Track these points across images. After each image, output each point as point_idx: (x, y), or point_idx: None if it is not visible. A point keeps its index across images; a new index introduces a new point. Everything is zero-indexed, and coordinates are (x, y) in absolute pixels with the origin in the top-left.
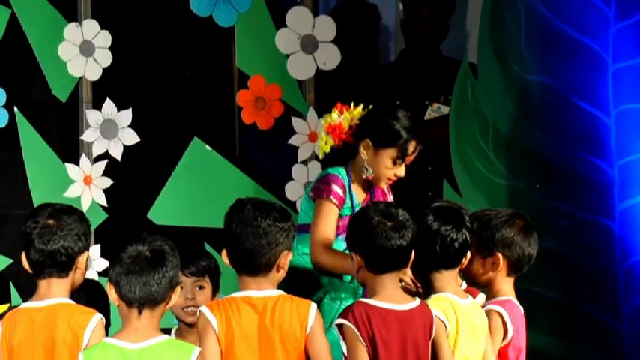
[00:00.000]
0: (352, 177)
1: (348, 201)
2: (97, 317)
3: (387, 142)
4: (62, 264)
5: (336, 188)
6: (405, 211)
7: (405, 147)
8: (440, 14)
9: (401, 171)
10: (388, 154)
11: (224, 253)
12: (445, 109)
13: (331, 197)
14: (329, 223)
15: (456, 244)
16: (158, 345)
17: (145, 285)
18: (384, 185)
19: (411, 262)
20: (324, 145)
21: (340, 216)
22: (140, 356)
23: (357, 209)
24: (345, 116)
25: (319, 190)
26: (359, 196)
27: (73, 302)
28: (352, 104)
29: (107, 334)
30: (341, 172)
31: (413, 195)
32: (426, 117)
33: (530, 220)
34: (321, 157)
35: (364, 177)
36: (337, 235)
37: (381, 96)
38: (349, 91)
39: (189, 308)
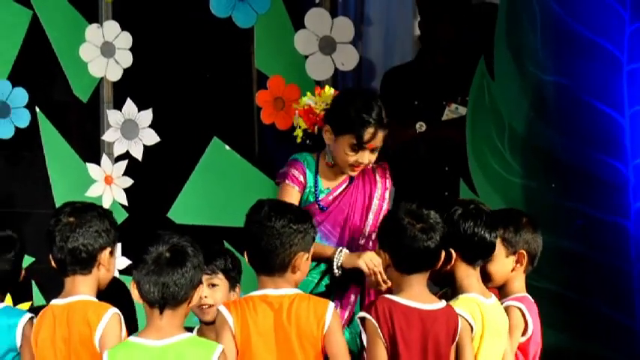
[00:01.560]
0: (322, 163)
1: (311, 186)
2: (111, 312)
3: (344, 128)
4: (83, 261)
5: (295, 172)
6: (436, 213)
7: (361, 133)
8: (457, 14)
9: (363, 157)
10: (346, 140)
11: (246, 252)
12: (463, 110)
13: (287, 181)
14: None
15: (484, 240)
16: (181, 343)
17: (164, 286)
18: (350, 172)
19: (440, 263)
20: (299, 129)
21: (304, 201)
22: (163, 353)
23: (321, 195)
24: (316, 99)
25: (279, 176)
26: (326, 183)
27: (93, 299)
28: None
29: (128, 330)
30: (306, 158)
31: (430, 194)
32: (444, 117)
33: (545, 218)
34: (298, 141)
35: (326, 162)
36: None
37: (398, 96)
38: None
39: (204, 307)
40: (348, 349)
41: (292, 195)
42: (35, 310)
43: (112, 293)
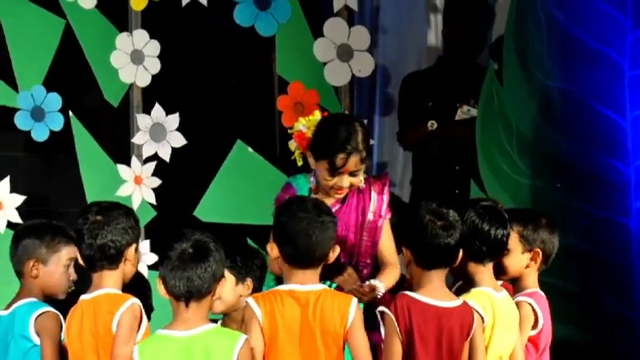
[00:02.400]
0: (315, 185)
1: None
2: (130, 301)
3: (319, 154)
4: (111, 257)
5: (287, 197)
6: (455, 212)
7: (333, 160)
8: (480, 25)
9: (342, 182)
10: (323, 166)
11: (272, 246)
12: (474, 112)
13: None
14: None
15: (497, 239)
16: (206, 333)
17: (189, 280)
18: (335, 195)
19: (458, 260)
20: (297, 151)
21: None
22: (190, 343)
23: None
24: (307, 124)
25: (276, 201)
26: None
27: (117, 291)
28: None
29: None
30: (300, 181)
31: (441, 193)
32: (456, 118)
33: (551, 217)
34: (299, 164)
35: (310, 186)
36: None
37: (414, 98)
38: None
39: None
40: (369, 345)
41: None
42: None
43: (135, 287)
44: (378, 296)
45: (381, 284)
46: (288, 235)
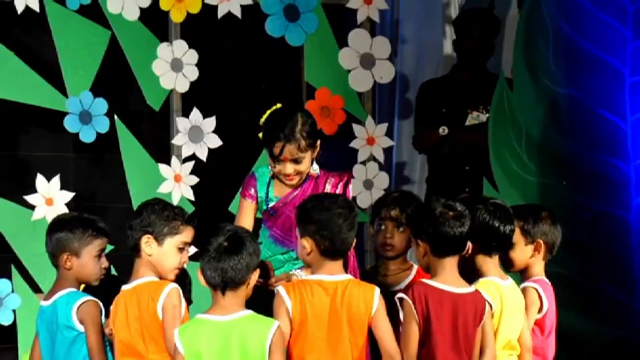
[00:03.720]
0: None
1: (262, 196)
2: (170, 286)
3: (263, 143)
4: (132, 247)
5: (247, 186)
6: (462, 204)
7: (271, 148)
8: (488, 34)
9: (285, 169)
10: (268, 154)
11: (307, 239)
12: (483, 117)
13: (242, 194)
14: (242, 217)
15: (505, 234)
16: (242, 318)
17: (223, 271)
18: (286, 181)
19: (468, 247)
20: None
21: (261, 210)
22: (228, 328)
23: (271, 203)
24: (265, 117)
25: (241, 188)
26: (278, 191)
27: (154, 279)
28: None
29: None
30: (262, 169)
31: (452, 191)
32: (467, 123)
33: (558, 212)
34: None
35: (271, 174)
36: (267, 227)
37: (430, 107)
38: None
39: None
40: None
41: (246, 207)
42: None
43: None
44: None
45: (302, 273)
46: (328, 230)
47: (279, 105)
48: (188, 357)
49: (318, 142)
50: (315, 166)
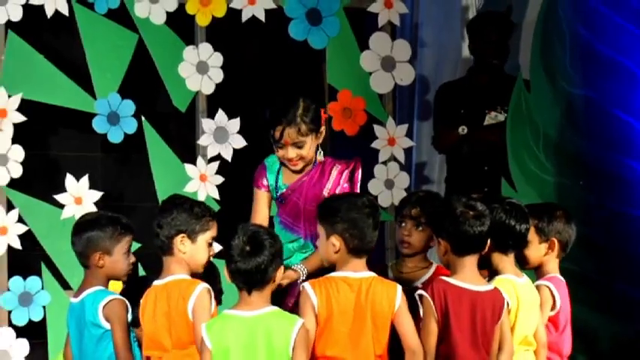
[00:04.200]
0: None
1: (272, 184)
2: (201, 286)
3: (267, 128)
4: (162, 246)
5: (258, 176)
6: (482, 203)
7: (273, 132)
8: (503, 37)
9: (287, 153)
10: (272, 138)
11: (337, 237)
12: (501, 117)
13: (254, 186)
14: (257, 208)
15: (521, 233)
16: (268, 314)
17: (248, 273)
18: (291, 167)
19: (487, 246)
20: None
21: (273, 198)
22: (253, 323)
23: (280, 191)
24: None
25: (254, 178)
26: (287, 179)
27: (186, 276)
28: None
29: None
30: (271, 159)
31: (471, 190)
32: (485, 123)
33: (575, 211)
34: None
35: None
36: (278, 214)
37: (449, 108)
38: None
39: None
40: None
41: (260, 197)
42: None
43: (206, 272)
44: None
45: (304, 269)
46: (358, 228)
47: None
48: (216, 351)
49: (322, 128)
50: (321, 153)
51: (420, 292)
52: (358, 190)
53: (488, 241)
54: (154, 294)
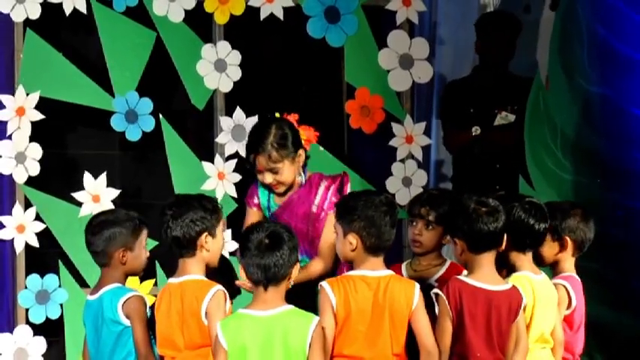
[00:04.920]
0: None
1: (264, 203)
2: (215, 289)
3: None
4: (184, 247)
5: (250, 195)
6: (495, 200)
7: (248, 160)
8: (510, 36)
9: (264, 178)
10: (248, 164)
11: (354, 235)
12: (511, 117)
13: (247, 203)
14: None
15: (540, 232)
16: (283, 313)
17: (266, 268)
18: (275, 190)
19: (504, 243)
20: None
21: (265, 216)
22: (269, 322)
23: (272, 210)
24: None
25: (245, 198)
26: (278, 198)
27: (202, 277)
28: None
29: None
30: None
31: (484, 188)
32: (495, 123)
33: (592, 209)
34: None
35: None
36: None
37: (457, 107)
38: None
39: None
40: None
41: (251, 215)
42: None
43: (221, 271)
44: None
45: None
46: (375, 227)
47: (277, 115)
48: (232, 351)
49: (300, 151)
50: (301, 175)
51: (435, 290)
52: None
53: (505, 237)
54: (169, 292)
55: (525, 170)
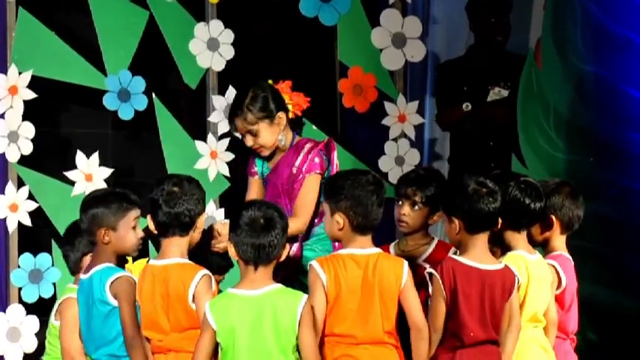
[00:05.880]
0: None
1: (260, 169)
2: (202, 273)
3: None
4: (184, 225)
5: (249, 165)
6: (492, 181)
7: (229, 124)
8: (501, 14)
9: (247, 141)
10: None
11: (341, 215)
12: (504, 93)
13: (248, 173)
14: (250, 194)
15: (535, 211)
16: (272, 292)
17: (260, 247)
18: (260, 153)
19: (499, 224)
20: None
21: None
22: (258, 301)
23: (265, 173)
24: None
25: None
26: (271, 163)
27: (187, 261)
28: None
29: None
30: None
31: (478, 166)
32: (488, 99)
33: (585, 188)
34: None
35: None
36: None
37: (451, 85)
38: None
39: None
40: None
41: (252, 184)
42: None
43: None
44: None
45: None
46: (362, 206)
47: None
48: (221, 331)
49: (280, 114)
50: (281, 137)
51: (429, 270)
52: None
53: (499, 219)
54: (152, 274)
55: (518, 149)
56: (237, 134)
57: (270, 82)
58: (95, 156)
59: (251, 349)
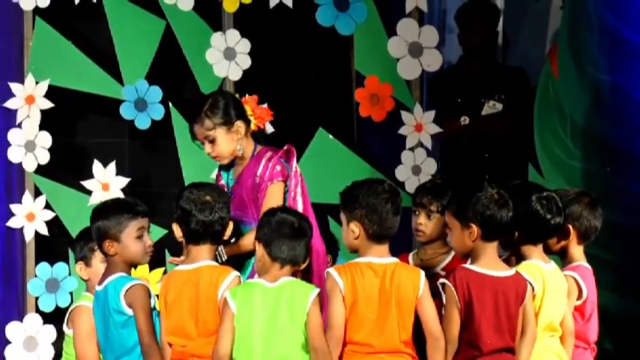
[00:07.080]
0: None
1: (225, 180)
2: (233, 274)
3: None
4: (217, 233)
5: (218, 176)
6: (512, 191)
7: (189, 132)
8: (489, 24)
9: (205, 149)
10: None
11: (356, 224)
12: (499, 106)
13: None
14: None
15: (554, 226)
16: (288, 283)
17: (292, 249)
18: (220, 162)
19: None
20: None
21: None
22: (278, 292)
23: (230, 185)
24: None
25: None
26: (235, 174)
27: (216, 264)
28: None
29: None
30: None
31: (473, 178)
32: (483, 113)
33: (600, 196)
34: None
35: None
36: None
37: (445, 96)
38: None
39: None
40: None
41: None
42: None
43: None
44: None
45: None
46: (377, 214)
47: (236, 95)
48: (239, 316)
49: (238, 122)
50: (239, 147)
51: (442, 280)
52: (298, 179)
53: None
54: (180, 280)
55: (535, 158)
56: (197, 142)
57: (236, 95)
58: (112, 165)
59: (266, 336)
